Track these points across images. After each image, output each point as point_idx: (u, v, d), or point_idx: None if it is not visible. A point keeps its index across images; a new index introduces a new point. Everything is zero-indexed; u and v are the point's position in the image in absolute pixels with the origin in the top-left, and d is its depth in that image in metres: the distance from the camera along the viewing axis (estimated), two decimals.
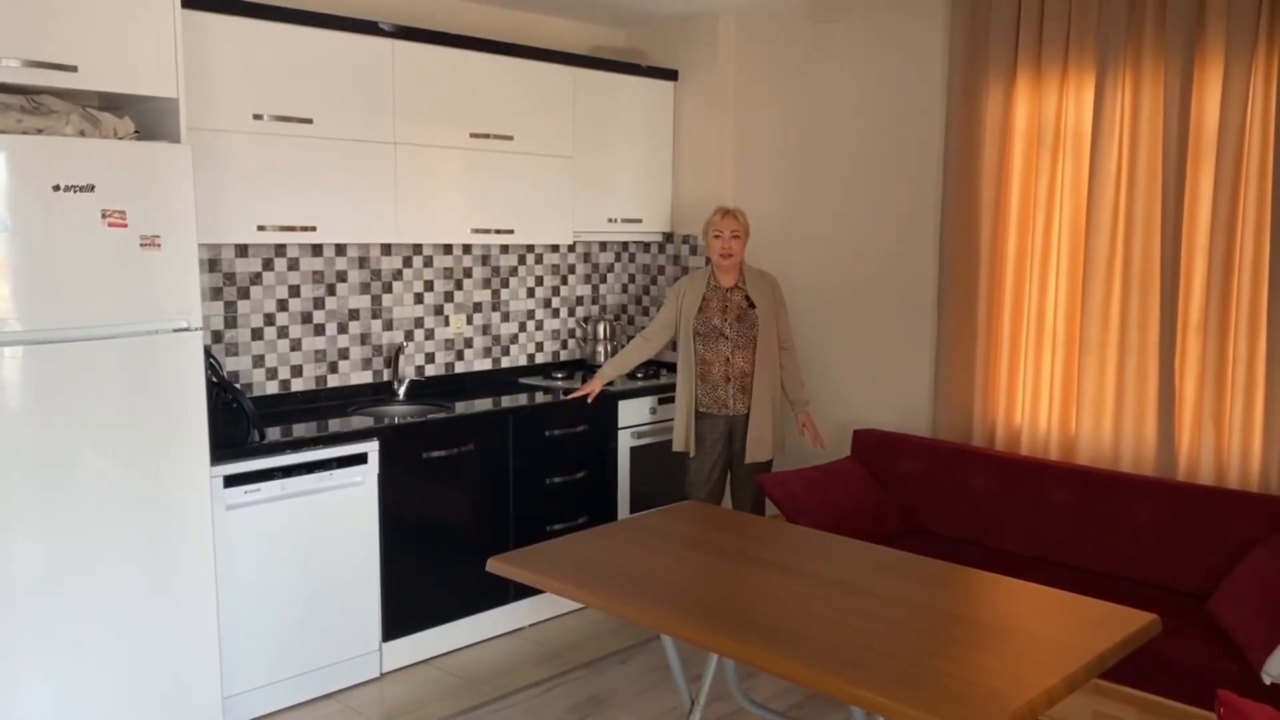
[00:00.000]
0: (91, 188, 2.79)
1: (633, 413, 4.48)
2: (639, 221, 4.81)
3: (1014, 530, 3.76)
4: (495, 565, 2.80)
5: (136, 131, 3.00)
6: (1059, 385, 3.85)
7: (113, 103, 3.08)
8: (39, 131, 2.77)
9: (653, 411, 4.56)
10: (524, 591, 4.06)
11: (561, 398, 4.24)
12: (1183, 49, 3.42)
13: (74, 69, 2.81)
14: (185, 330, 3.01)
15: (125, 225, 2.86)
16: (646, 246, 5.10)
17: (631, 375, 4.71)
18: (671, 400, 4.56)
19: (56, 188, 2.74)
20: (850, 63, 4.38)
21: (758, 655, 2.22)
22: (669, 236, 4.99)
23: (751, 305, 4.03)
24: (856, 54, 4.35)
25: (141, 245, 2.89)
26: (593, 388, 4.21)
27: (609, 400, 4.37)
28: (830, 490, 3.89)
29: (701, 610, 2.46)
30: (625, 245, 5.17)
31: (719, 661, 2.91)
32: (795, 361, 4.16)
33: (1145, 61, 3.53)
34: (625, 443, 4.47)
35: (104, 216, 2.82)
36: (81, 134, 2.84)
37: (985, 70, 3.90)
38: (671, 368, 4.75)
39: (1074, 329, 3.80)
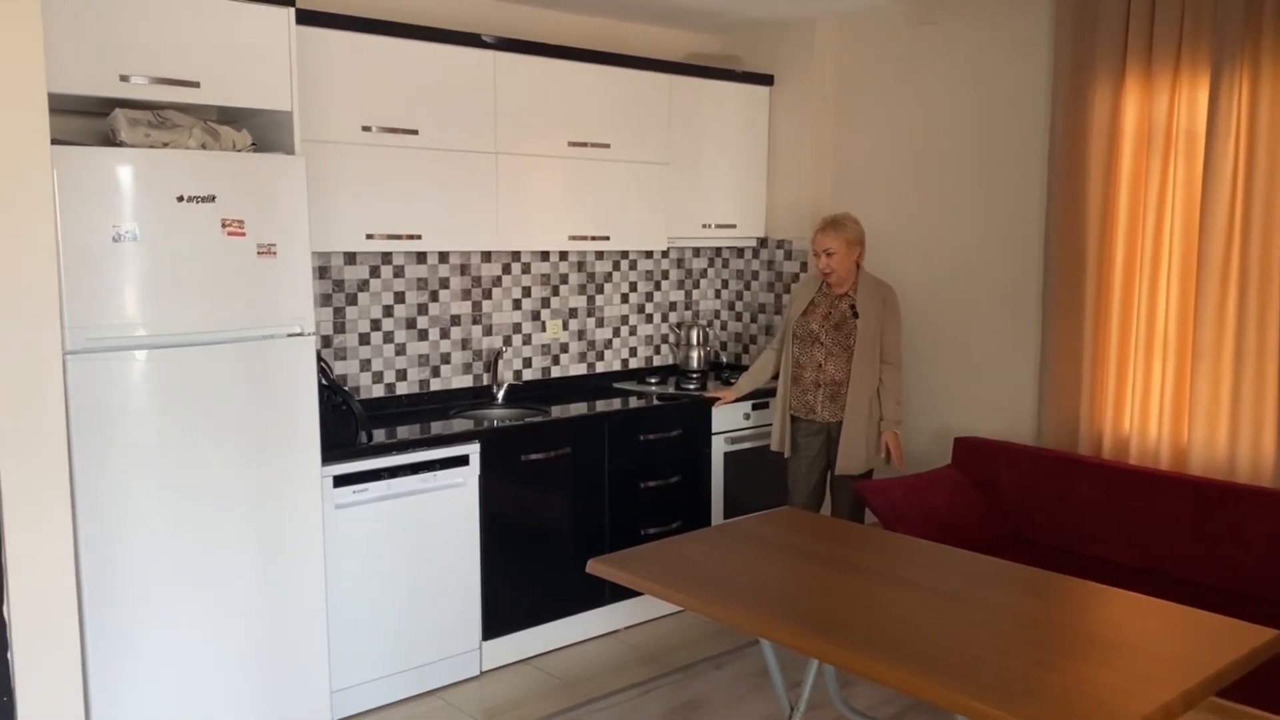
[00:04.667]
0: (212, 198, 2.92)
1: (727, 418, 4.48)
2: (733, 227, 4.82)
3: (1122, 541, 3.65)
4: (595, 567, 2.83)
5: (253, 144, 3.12)
6: (1170, 393, 3.73)
7: (231, 116, 3.21)
8: (165, 145, 2.91)
9: (746, 417, 4.55)
10: (620, 594, 4.09)
11: (700, 396, 4.42)
12: None
13: (196, 85, 2.94)
14: (299, 335, 3.12)
15: (243, 234, 2.98)
16: (740, 252, 5.10)
17: (726, 381, 4.71)
18: (765, 406, 4.55)
19: (180, 198, 2.87)
20: (951, 64, 4.32)
21: (861, 662, 2.20)
22: (763, 242, 4.98)
23: (855, 314, 3.98)
24: (957, 55, 4.29)
25: (259, 253, 3.01)
26: (726, 395, 4.38)
27: (703, 406, 4.39)
28: (930, 499, 3.83)
29: (802, 616, 2.46)
30: (719, 251, 5.17)
31: (819, 668, 2.90)
32: (896, 378, 4.01)
33: (1264, 58, 3.40)
34: (719, 448, 4.47)
35: (224, 226, 2.95)
36: (203, 147, 2.97)
37: (1093, 69, 3.80)
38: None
39: (1186, 335, 3.67)
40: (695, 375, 4.85)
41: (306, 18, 3.33)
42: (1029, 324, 4.14)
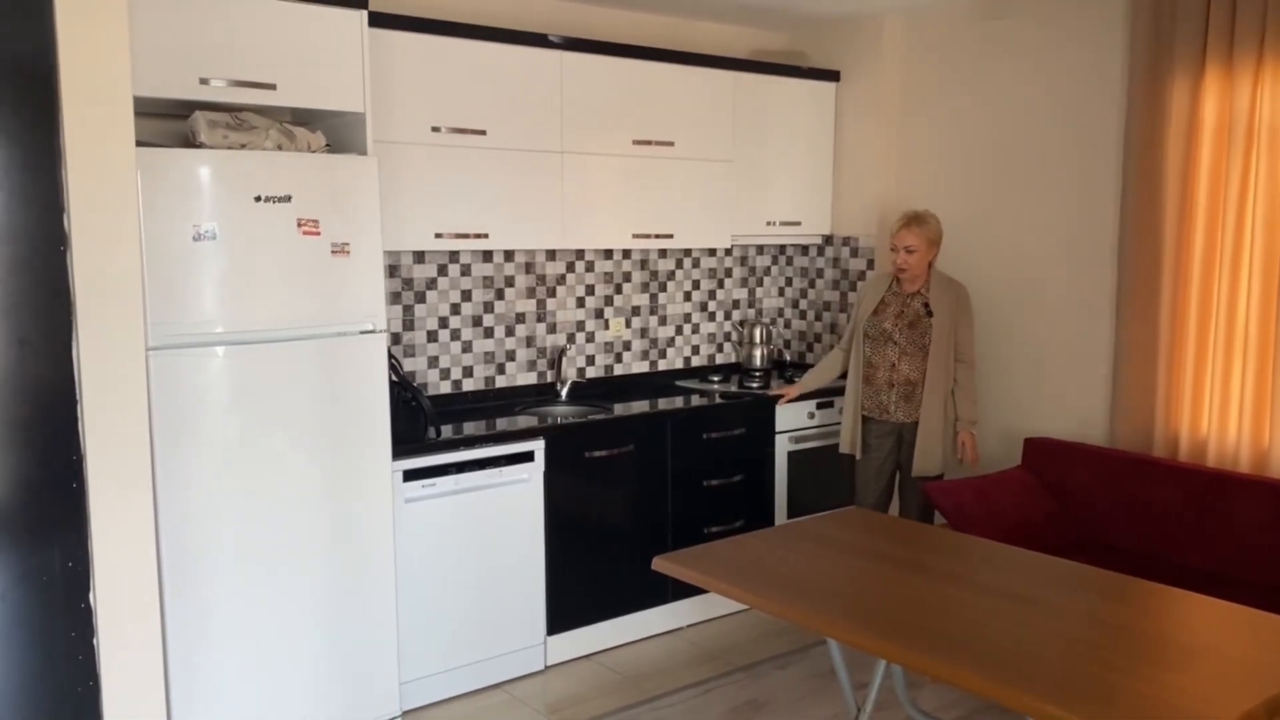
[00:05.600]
0: (288, 198, 2.98)
1: (791, 417, 4.46)
2: (798, 224, 4.79)
3: (1199, 546, 3.56)
4: (660, 564, 2.84)
5: (327, 145, 3.18)
6: (1250, 393, 3.63)
7: (305, 118, 3.28)
8: (242, 146, 2.98)
9: (810, 416, 4.52)
10: (682, 591, 4.09)
11: (762, 394, 4.38)
12: None
13: (273, 87, 3.01)
14: (371, 332, 3.18)
15: (318, 234, 3.04)
16: (805, 249, 5.07)
17: (790, 379, 4.69)
18: (830, 405, 4.52)
19: (258, 198, 2.93)
20: (1022, 58, 4.24)
21: (932, 664, 2.18)
22: (829, 239, 4.94)
23: (929, 313, 3.94)
24: (1029, 49, 4.22)
25: (332, 252, 3.07)
26: (789, 392, 4.32)
27: (766, 404, 4.37)
28: (1000, 500, 3.77)
29: (871, 616, 2.44)
30: (783, 248, 5.15)
31: (887, 668, 2.87)
32: (970, 377, 4.00)
33: None
34: (783, 447, 4.45)
35: (299, 225, 3.01)
36: (279, 148, 3.03)
37: (1170, 62, 3.71)
38: None
39: (1268, 333, 3.57)
40: (758, 374, 4.83)
41: (378, 20, 3.37)
42: (1102, 323, 4.05)
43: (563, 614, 3.85)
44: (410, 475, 3.40)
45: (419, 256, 3.97)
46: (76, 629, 2.41)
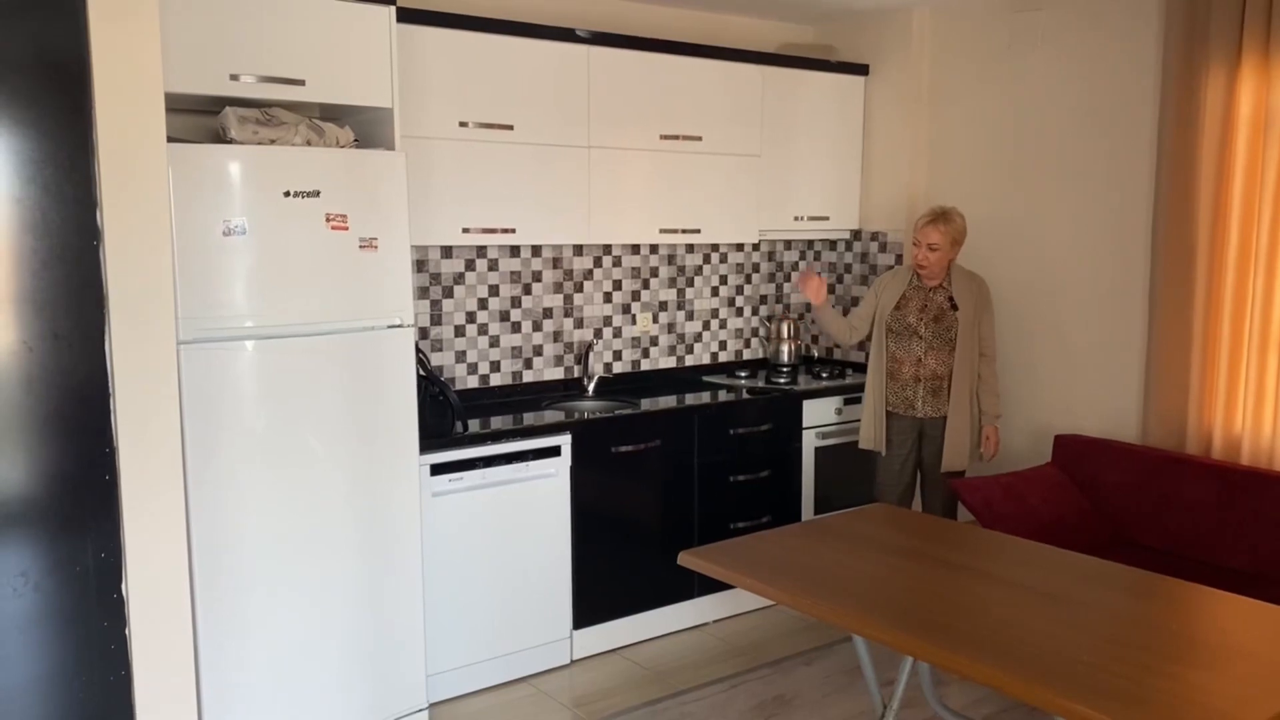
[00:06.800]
0: (317, 193, 3.00)
1: (818, 413, 4.44)
2: (826, 219, 4.76)
3: (1234, 545, 3.51)
4: (686, 559, 2.83)
5: (356, 140, 3.20)
6: None
7: (334, 113, 3.29)
8: (272, 142, 3.00)
9: (838, 412, 4.50)
10: (708, 587, 4.09)
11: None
12: None
13: (302, 83, 3.03)
14: (398, 327, 3.19)
15: (346, 228, 3.06)
16: (833, 244, 5.04)
17: (817, 375, 4.68)
18: (857, 401, 4.50)
19: (287, 194, 2.95)
20: (1054, 51, 4.19)
21: (961, 662, 2.17)
22: (857, 234, 4.91)
23: (954, 306, 3.91)
24: (1061, 42, 4.17)
25: (360, 247, 3.09)
26: (818, 290, 4.06)
27: (793, 400, 4.36)
28: (1029, 497, 3.74)
29: (898, 613, 2.43)
30: (810, 243, 5.12)
31: (913, 666, 2.86)
32: (993, 372, 3.99)
33: None
34: (810, 443, 4.44)
35: (328, 220, 3.03)
36: (308, 143, 3.05)
37: (1205, 54, 3.65)
38: (857, 367, 4.70)
39: None
40: (786, 369, 4.82)
41: (406, 15, 3.39)
42: (1134, 318, 4.01)
43: (589, 608, 3.85)
44: (437, 469, 3.42)
45: (446, 251, 3.98)
46: (109, 619, 2.45)
